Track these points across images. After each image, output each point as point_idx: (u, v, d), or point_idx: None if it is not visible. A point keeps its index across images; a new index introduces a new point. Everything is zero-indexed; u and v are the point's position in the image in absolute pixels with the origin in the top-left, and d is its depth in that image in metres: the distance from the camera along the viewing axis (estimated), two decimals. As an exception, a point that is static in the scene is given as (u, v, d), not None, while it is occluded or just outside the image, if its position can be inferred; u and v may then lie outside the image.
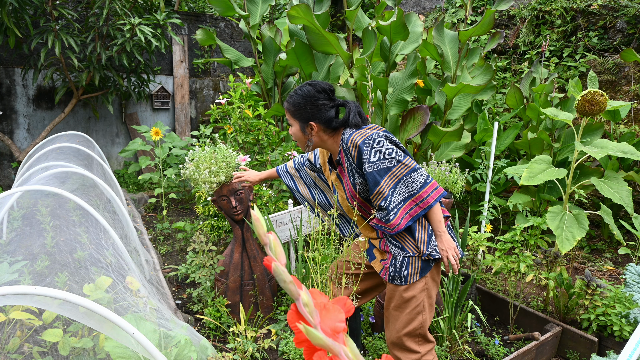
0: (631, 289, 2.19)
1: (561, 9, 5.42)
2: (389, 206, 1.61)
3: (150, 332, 1.73)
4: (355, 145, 1.64)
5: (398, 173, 1.61)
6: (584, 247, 3.97)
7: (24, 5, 4.57)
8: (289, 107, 1.76)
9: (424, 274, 1.69)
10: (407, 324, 1.70)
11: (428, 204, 1.62)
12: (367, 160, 1.61)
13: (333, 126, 1.72)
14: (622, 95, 4.69)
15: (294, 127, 1.78)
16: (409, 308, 1.70)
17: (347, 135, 1.68)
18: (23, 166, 3.81)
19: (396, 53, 3.77)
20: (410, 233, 1.68)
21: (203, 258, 2.64)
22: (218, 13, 4.76)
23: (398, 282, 1.69)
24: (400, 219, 1.62)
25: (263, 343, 2.34)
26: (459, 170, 2.72)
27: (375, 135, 1.63)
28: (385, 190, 1.61)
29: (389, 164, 1.60)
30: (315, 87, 1.71)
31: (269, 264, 0.50)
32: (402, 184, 1.62)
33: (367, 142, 1.62)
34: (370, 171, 1.61)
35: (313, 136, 1.75)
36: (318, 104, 1.70)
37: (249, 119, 3.39)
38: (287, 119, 1.80)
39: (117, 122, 6.41)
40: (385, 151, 1.60)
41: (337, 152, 1.78)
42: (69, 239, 2.50)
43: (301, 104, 1.71)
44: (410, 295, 1.69)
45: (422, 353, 1.73)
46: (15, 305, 1.78)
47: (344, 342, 0.49)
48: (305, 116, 1.72)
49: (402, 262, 1.68)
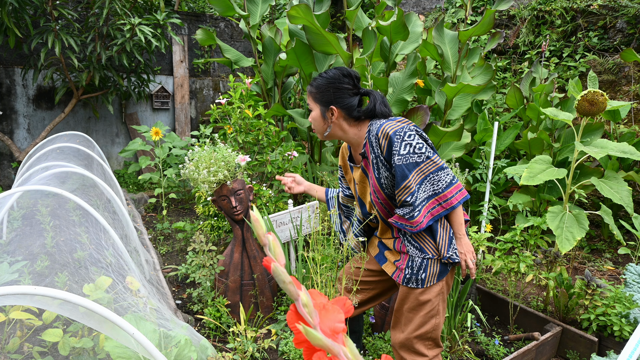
0: (631, 289, 2.19)
1: (561, 9, 5.42)
2: (414, 202, 1.57)
3: (150, 332, 1.73)
4: (386, 135, 1.59)
5: (426, 169, 1.58)
6: (584, 247, 3.97)
7: (24, 5, 4.57)
8: (311, 89, 1.72)
9: (441, 277, 1.65)
10: (420, 327, 1.66)
11: (452, 204, 1.58)
12: (397, 153, 1.57)
13: (355, 115, 1.68)
14: (622, 95, 4.68)
15: (315, 111, 1.73)
16: (424, 311, 1.65)
17: (377, 125, 1.63)
18: (23, 166, 3.81)
19: (396, 53, 3.77)
20: (432, 234, 1.64)
21: (203, 258, 2.64)
22: (218, 13, 4.76)
23: (414, 284, 1.64)
24: (423, 217, 1.58)
25: (263, 343, 2.35)
26: (459, 170, 2.72)
27: (406, 128, 1.58)
28: (412, 185, 1.56)
29: (417, 158, 1.56)
30: (341, 71, 1.68)
31: (269, 264, 0.50)
32: (427, 181, 1.58)
33: (398, 133, 1.57)
34: (399, 164, 1.56)
35: (333, 123, 1.70)
36: (342, 87, 1.66)
37: (249, 119, 3.39)
38: (308, 104, 1.76)
39: (117, 122, 6.41)
40: (415, 145, 1.56)
41: (360, 144, 1.73)
42: (69, 239, 2.50)
43: (324, 86, 1.67)
44: (426, 298, 1.64)
45: (430, 357, 1.69)
46: (15, 305, 1.78)
47: (343, 343, 0.49)
48: (327, 99, 1.68)
49: (420, 264, 1.64)
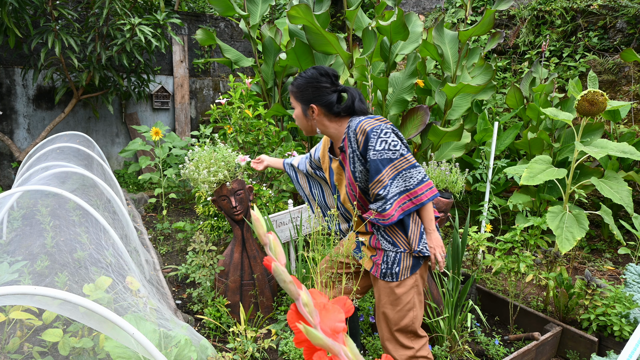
0: (631, 289, 2.19)
1: (561, 9, 5.42)
2: (387, 195, 1.67)
3: (150, 332, 1.73)
4: (363, 132, 1.68)
5: (399, 166, 1.67)
6: (584, 247, 3.97)
7: (24, 5, 4.57)
8: (292, 89, 1.82)
9: (414, 270, 1.74)
10: (399, 321, 1.75)
11: (421, 201, 1.68)
12: (373, 148, 1.66)
13: (334, 111, 1.77)
14: (622, 95, 4.68)
15: (297, 109, 1.84)
16: (400, 305, 1.75)
17: (356, 122, 1.73)
18: (23, 166, 3.81)
19: (396, 53, 3.77)
20: (403, 229, 1.74)
21: (203, 258, 2.64)
22: (218, 13, 4.75)
23: (389, 278, 1.74)
24: (394, 211, 1.67)
25: (263, 343, 2.34)
26: (459, 170, 2.72)
27: (383, 126, 1.68)
28: (385, 179, 1.66)
29: (392, 155, 1.66)
30: (318, 70, 1.78)
31: (269, 264, 0.50)
32: (400, 177, 1.68)
33: (375, 130, 1.67)
34: (374, 159, 1.66)
35: (314, 119, 1.80)
36: (320, 86, 1.76)
37: (249, 119, 3.39)
38: (291, 102, 1.86)
39: (117, 122, 6.41)
40: (391, 142, 1.66)
41: (340, 139, 1.83)
42: (69, 239, 2.50)
43: (303, 85, 1.77)
44: (402, 291, 1.74)
45: (417, 348, 1.78)
46: (15, 305, 1.78)
47: (343, 342, 0.49)
48: (306, 98, 1.78)
49: (394, 259, 1.73)
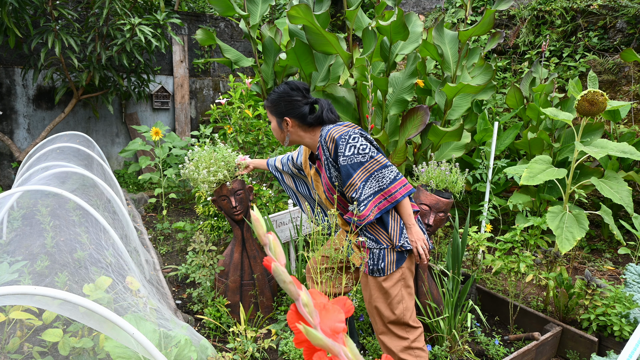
0: (631, 289, 2.19)
1: (561, 9, 5.42)
2: (359, 197, 1.73)
3: (150, 332, 1.73)
4: (332, 139, 1.75)
5: (370, 168, 1.73)
6: (584, 247, 3.97)
7: (24, 5, 4.57)
8: (266, 104, 1.94)
9: (399, 264, 1.80)
10: (390, 313, 1.81)
11: (395, 198, 1.72)
12: (342, 154, 1.72)
13: (308, 122, 1.87)
14: (622, 95, 4.68)
15: (272, 122, 1.96)
16: (390, 298, 1.80)
17: (326, 130, 1.81)
18: (23, 166, 3.81)
19: (396, 53, 3.77)
20: (383, 226, 1.80)
21: (203, 258, 2.64)
22: (218, 13, 4.75)
23: (377, 274, 1.80)
24: (370, 211, 1.72)
25: (263, 343, 2.34)
26: (459, 170, 2.72)
27: (351, 132, 1.75)
28: (357, 182, 1.72)
29: (362, 158, 1.72)
30: (289, 85, 1.89)
31: (269, 264, 0.50)
32: (373, 178, 1.73)
33: (343, 137, 1.73)
34: (344, 164, 1.72)
35: (289, 131, 1.90)
36: (292, 99, 1.86)
37: (249, 119, 3.39)
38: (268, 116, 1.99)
39: (117, 122, 6.41)
40: (359, 146, 1.72)
41: (315, 147, 1.92)
42: (69, 239, 2.50)
43: (276, 100, 1.89)
44: (389, 285, 1.79)
45: (411, 339, 1.83)
46: (15, 305, 1.78)
47: (343, 343, 0.49)
48: (280, 111, 1.89)
49: (378, 255, 1.79)
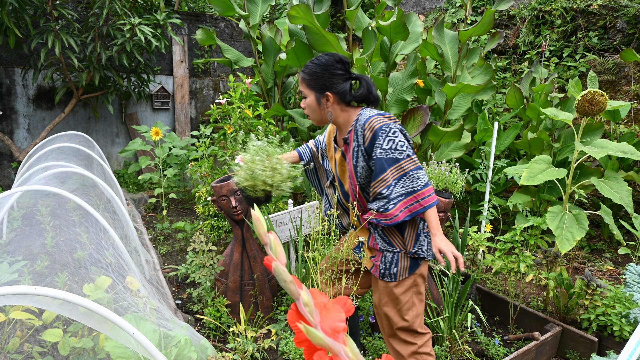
0: (631, 289, 2.19)
1: (561, 9, 5.42)
2: (390, 195, 1.63)
3: (150, 332, 1.73)
4: (372, 128, 1.64)
5: (405, 167, 1.63)
6: (584, 247, 3.97)
7: (24, 5, 4.57)
8: (305, 76, 1.73)
9: (412, 271, 1.73)
10: (400, 319, 1.75)
11: (428, 202, 1.63)
12: (380, 147, 1.63)
13: (347, 100, 1.72)
14: (622, 95, 4.68)
15: (309, 97, 1.74)
16: (400, 304, 1.74)
17: (365, 117, 1.68)
18: (23, 166, 3.81)
19: (396, 53, 3.77)
20: (400, 230, 1.73)
21: (203, 258, 2.64)
22: (218, 13, 4.75)
23: (388, 279, 1.73)
24: (399, 211, 1.64)
25: (263, 343, 2.34)
26: (459, 170, 2.72)
27: (392, 125, 1.64)
28: (389, 179, 1.62)
29: (399, 155, 1.62)
30: (333, 57, 1.70)
31: (269, 263, 0.50)
32: (407, 177, 1.63)
33: (384, 128, 1.63)
34: (380, 157, 1.62)
35: (328, 109, 1.73)
36: (336, 73, 1.69)
37: (249, 119, 3.39)
38: (302, 91, 1.76)
39: (117, 122, 6.41)
40: (398, 142, 1.62)
41: (347, 129, 1.77)
42: (69, 239, 2.50)
43: (318, 72, 1.69)
44: (400, 291, 1.73)
45: (419, 344, 1.78)
46: (15, 305, 1.78)
47: (344, 342, 0.49)
48: (321, 85, 1.70)
49: (391, 259, 1.72)
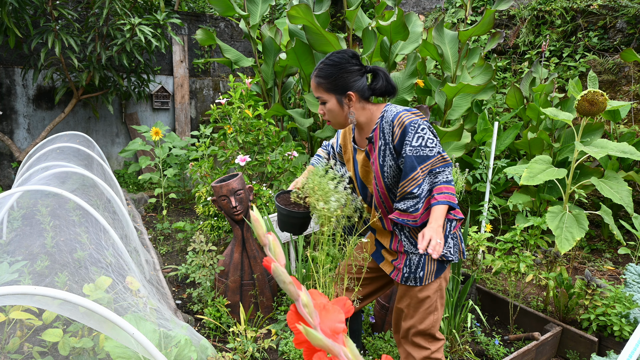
0: (631, 289, 2.19)
1: (561, 9, 5.42)
2: (421, 194, 1.57)
3: (150, 332, 1.73)
4: (402, 124, 1.57)
5: (435, 164, 1.59)
6: (584, 247, 3.97)
7: (24, 5, 4.57)
8: (320, 80, 1.61)
9: (438, 274, 1.67)
10: (419, 323, 1.70)
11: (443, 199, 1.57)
12: (409, 144, 1.56)
13: (366, 95, 1.64)
14: (622, 95, 4.68)
15: (330, 102, 1.62)
16: (422, 308, 1.68)
17: (393, 113, 1.60)
18: (23, 166, 3.81)
19: (396, 53, 3.77)
20: None
21: (203, 258, 2.64)
22: (218, 13, 4.75)
23: (412, 282, 1.66)
24: (425, 210, 1.59)
25: (263, 343, 2.34)
26: (459, 170, 2.72)
27: (420, 121, 1.58)
28: (420, 177, 1.56)
29: (429, 152, 1.56)
30: (346, 52, 1.61)
31: (269, 264, 0.50)
32: (433, 174, 1.59)
33: (413, 124, 1.56)
34: (410, 154, 1.55)
35: (351, 108, 1.63)
36: (352, 69, 1.59)
37: (249, 119, 3.39)
38: (319, 97, 1.64)
39: (117, 122, 6.41)
40: (427, 139, 1.57)
41: (370, 128, 1.67)
42: (69, 239, 2.50)
43: (335, 73, 1.58)
44: (425, 295, 1.67)
45: (433, 350, 1.72)
46: (15, 305, 1.78)
47: (343, 343, 0.49)
48: (342, 85, 1.59)
49: (417, 263, 1.65)
